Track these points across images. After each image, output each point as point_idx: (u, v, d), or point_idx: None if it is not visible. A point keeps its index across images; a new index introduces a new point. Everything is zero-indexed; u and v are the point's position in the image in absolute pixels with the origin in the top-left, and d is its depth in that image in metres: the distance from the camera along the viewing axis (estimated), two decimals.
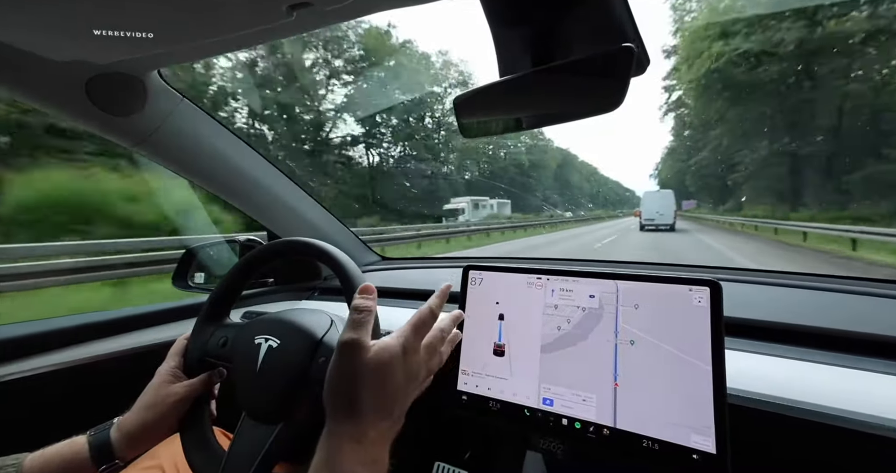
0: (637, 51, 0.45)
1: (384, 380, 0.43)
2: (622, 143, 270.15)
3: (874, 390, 0.53)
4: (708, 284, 0.54)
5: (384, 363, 0.43)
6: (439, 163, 31.47)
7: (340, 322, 0.69)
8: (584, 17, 0.50)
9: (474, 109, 0.63)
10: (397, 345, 0.45)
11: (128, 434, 0.58)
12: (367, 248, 1.47)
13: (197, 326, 0.71)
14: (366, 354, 0.43)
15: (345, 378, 0.43)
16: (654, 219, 20.53)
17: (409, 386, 0.46)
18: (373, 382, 0.43)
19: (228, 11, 0.52)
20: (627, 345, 0.57)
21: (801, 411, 0.51)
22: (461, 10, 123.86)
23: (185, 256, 1.13)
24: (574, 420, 0.58)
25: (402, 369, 0.45)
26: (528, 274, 0.66)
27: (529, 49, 0.54)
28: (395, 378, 0.44)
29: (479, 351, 0.67)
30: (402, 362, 0.45)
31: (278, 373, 0.61)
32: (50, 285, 4.84)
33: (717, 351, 0.51)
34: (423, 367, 0.48)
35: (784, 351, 0.63)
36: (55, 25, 0.54)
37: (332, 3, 0.51)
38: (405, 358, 0.45)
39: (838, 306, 0.74)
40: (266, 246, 0.74)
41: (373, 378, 0.43)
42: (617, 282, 0.59)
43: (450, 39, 61.40)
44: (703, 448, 0.50)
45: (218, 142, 0.96)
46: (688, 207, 47.81)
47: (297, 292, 1.26)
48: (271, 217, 1.17)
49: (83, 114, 0.76)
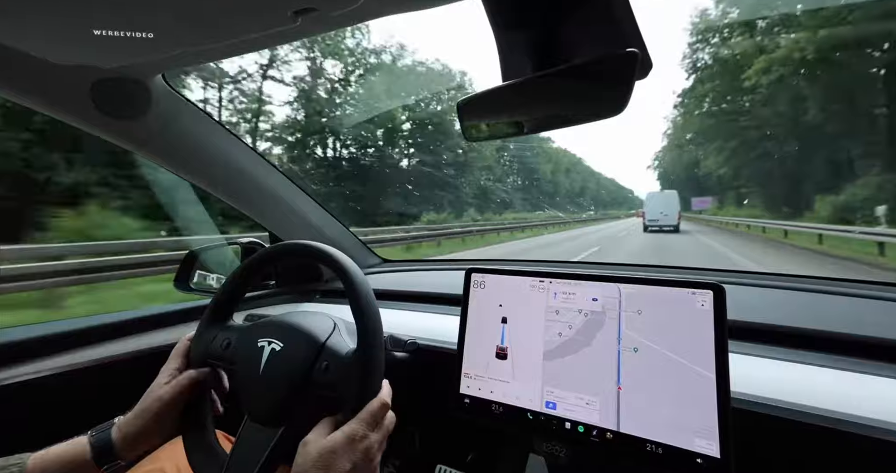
0: (640, 55, 0.46)
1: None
2: (614, 134, 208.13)
3: (879, 393, 0.53)
4: (711, 287, 0.54)
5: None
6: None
7: (343, 324, 0.69)
8: (586, 21, 0.50)
9: (477, 113, 0.63)
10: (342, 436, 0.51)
11: (127, 434, 0.58)
12: (368, 251, 1.47)
13: (200, 328, 0.71)
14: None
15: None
16: (658, 219, 20.41)
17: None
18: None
19: (233, 16, 0.52)
20: (631, 353, 0.57)
21: (806, 415, 0.51)
22: (465, 14, 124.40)
23: (186, 258, 1.13)
24: (577, 423, 0.58)
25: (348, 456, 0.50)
26: (530, 276, 0.66)
27: (532, 53, 0.54)
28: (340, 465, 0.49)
29: (481, 353, 0.67)
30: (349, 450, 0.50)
31: (281, 376, 0.62)
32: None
33: (720, 354, 0.51)
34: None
35: (788, 355, 0.63)
36: (60, 30, 0.54)
37: (337, 8, 0.51)
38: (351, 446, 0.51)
39: (843, 309, 0.74)
40: (269, 248, 0.74)
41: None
42: (619, 286, 0.59)
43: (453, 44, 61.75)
44: (707, 452, 0.50)
45: (221, 145, 0.96)
46: (700, 207, 36.71)
47: (300, 294, 1.27)
48: (274, 219, 1.17)
49: (88, 117, 0.76)
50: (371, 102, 26.09)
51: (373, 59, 26.86)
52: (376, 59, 27.18)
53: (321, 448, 0.50)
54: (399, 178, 26.62)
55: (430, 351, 0.79)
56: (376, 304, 0.62)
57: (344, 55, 24.85)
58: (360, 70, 25.88)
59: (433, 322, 0.91)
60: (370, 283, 0.65)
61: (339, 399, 0.59)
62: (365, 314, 0.60)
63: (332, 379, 0.60)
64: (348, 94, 25.38)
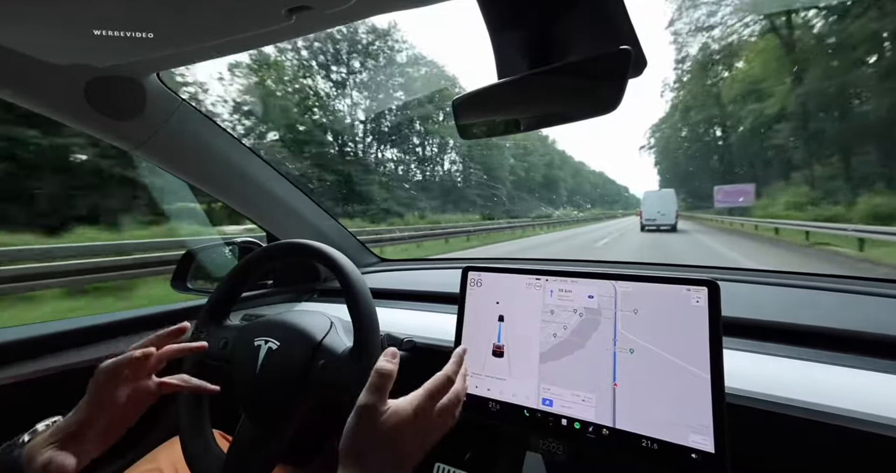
0: (634, 53, 0.46)
1: (393, 442, 0.46)
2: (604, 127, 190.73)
3: (873, 389, 0.53)
4: (706, 284, 0.54)
5: (394, 427, 0.46)
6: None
7: (339, 324, 0.69)
8: (581, 19, 0.50)
9: (473, 111, 0.63)
10: (409, 410, 0.48)
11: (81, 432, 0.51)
12: (366, 250, 1.47)
13: (195, 328, 0.71)
14: (379, 418, 0.46)
15: (358, 438, 0.46)
16: (656, 219, 20.39)
17: (418, 447, 0.48)
18: (383, 443, 0.45)
19: (227, 15, 0.52)
20: (627, 354, 0.57)
21: (800, 410, 0.51)
22: (459, 12, 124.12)
23: (183, 258, 1.12)
24: (573, 420, 0.58)
25: (412, 432, 0.47)
26: (526, 274, 0.67)
27: (527, 51, 0.54)
28: (403, 440, 0.46)
29: (478, 351, 0.67)
30: (413, 426, 0.47)
31: (278, 375, 0.62)
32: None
33: (715, 350, 0.51)
34: (435, 430, 0.50)
35: (782, 351, 0.63)
36: (54, 28, 0.54)
37: (331, 6, 0.51)
38: (415, 422, 0.47)
39: (838, 305, 0.75)
40: (265, 248, 0.74)
41: (383, 440, 0.46)
42: (615, 283, 0.60)
43: (448, 42, 61.41)
44: (702, 447, 0.50)
45: (217, 144, 0.96)
46: (732, 202, 22.56)
47: (296, 294, 1.26)
48: (270, 219, 1.17)
49: (82, 117, 0.76)
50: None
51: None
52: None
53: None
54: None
55: (427, 350, 0.79)
56: (373, 303, 0.62)
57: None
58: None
59: (430, 320, 0.91)
60: (367, 282, 0.65)
61: (337, 398, 0.59)
62: (361, 312, 0.60)
63: (329, 377, 0.60)
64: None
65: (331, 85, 29.33)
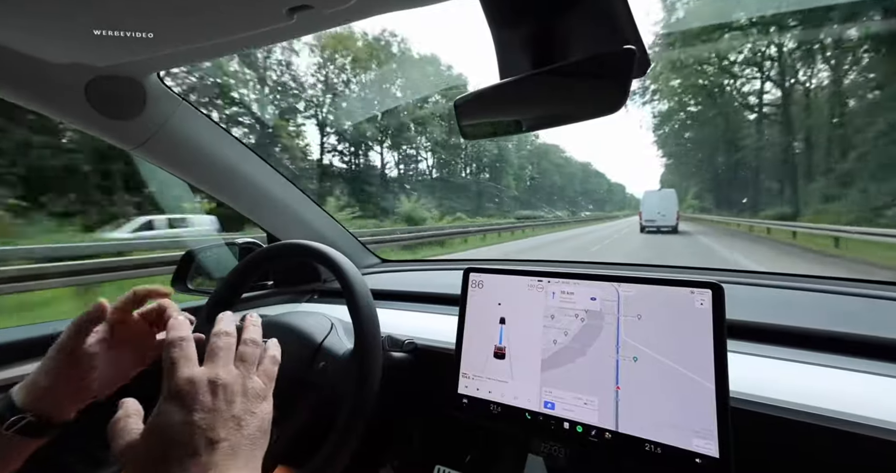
0: (638, 53, 0.45)
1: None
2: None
3: (880, 393, 0.53)
4: (710, 286, 0.53)
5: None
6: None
7: (340, 325, 0.69)
8: (584, 18, 0.50)
9: (474, 111, 0.63)
10: (202, 377, 0.42)
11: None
12: (366, 250, 1.47)
13: (196, 328, 0.71)
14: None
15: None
16: (656, 220, 20.11)
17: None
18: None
19: (228, 14, 0.52)
20: (630, 361, 0.56)
21: (805, 414, 0.51)
22: (461, 11, 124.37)
23: (184, 258, 1.12)
24: (576, 423, 0.58)
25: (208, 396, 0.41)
26: (528, 276, 0.66)
27: (530, 51, 0.54)
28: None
29: (479, 353, 0.66)
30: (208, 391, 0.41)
31: (278, 377, 0.61)
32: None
33: (719, 353, 0.51)
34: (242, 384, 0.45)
35: (787, 354, 0.63)
36: (54, 28, 0.54)
37: (332, 5, 0.51)
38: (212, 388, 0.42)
39: (843, 308, 0.74)
40: (265, 248, 0.74)
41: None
42: (617, 286, 0.59)
43: (450, 42, 61.42)
44: (705, 451, 0.49)
45: (217, 144, 0.95)
46: None
47: (297, 295, 1.26)
48: (271, 219, 1.16)
49: (82, 117, 0.76)
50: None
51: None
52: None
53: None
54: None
55: (428, 351, 0.78)
56: (374, 304, 0.62)
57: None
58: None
59: (431, 322, 0.91)
60: (368, 283, 0.64)
61: (337, 400, 0.58)
62: (362, 314, 0.60)
63: (329, 379, 0.60)
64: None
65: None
